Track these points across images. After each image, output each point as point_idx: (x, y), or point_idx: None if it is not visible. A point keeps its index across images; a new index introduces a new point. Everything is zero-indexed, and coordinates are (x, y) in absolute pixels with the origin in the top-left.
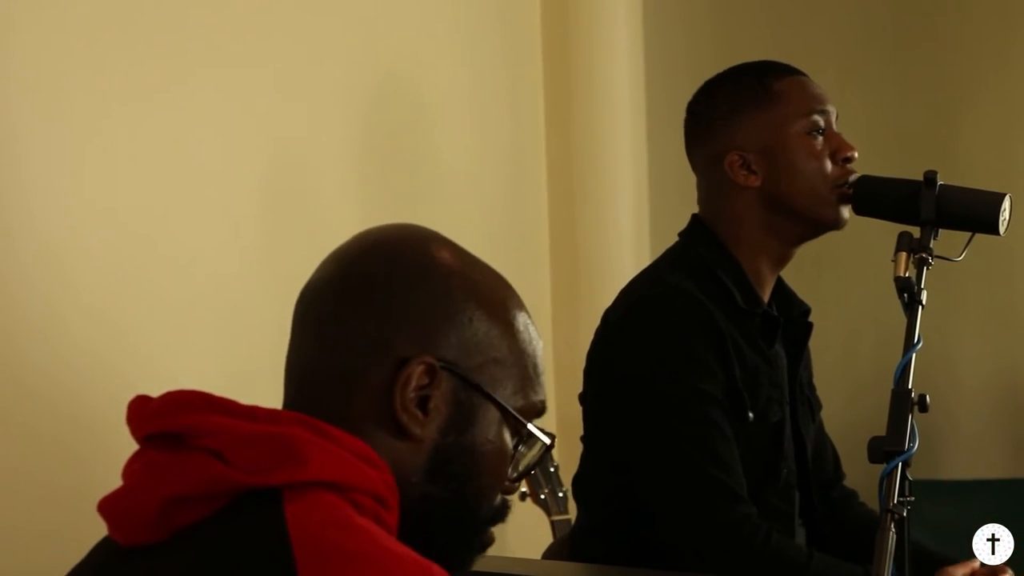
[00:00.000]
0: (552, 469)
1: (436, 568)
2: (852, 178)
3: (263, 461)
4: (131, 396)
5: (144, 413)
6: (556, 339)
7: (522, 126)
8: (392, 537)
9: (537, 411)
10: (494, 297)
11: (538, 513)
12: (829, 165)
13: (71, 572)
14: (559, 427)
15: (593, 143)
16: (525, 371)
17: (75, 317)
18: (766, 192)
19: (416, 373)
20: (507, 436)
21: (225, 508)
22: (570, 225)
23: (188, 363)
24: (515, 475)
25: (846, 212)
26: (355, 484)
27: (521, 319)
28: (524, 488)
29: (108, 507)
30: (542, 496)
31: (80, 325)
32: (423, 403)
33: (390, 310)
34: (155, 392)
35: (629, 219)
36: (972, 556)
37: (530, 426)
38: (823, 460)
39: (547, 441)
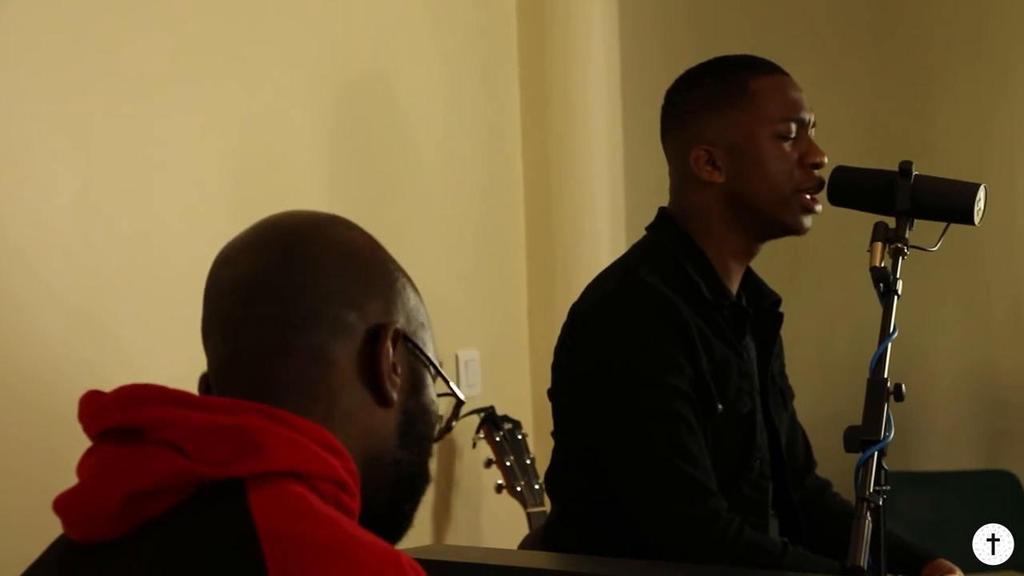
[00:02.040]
0: (528, 462)
1: (404, 556)
2: (817, 181)
3: (224, 452)
4: (108, 387)
5: (97, 408)
6: (532, 333)
7: (498, 121)
8: (355, 523)
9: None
10: (391, 258)
11: (514, 505)
12: (794, 169)
13: (27, 571)
14: (534, 420)
15: (569, 137)
16: (432, 333)
17: (47, 310)
18: (729, 189)
19: (389, 340)
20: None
21: (187, 501)
22: (546, 219)
23: (162, 353)
24: (437, 434)
25: (808, 220)
26: (317, 472)
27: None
28: (500, 481)
29: (65, 504)
30: (518, 488)
31: (52, 318)
32: (393, 368)
33: (345, 289)
34: (129, 381)
35: (605, 213)
36: (944, 547)
37: (452, 385)
38: (795, 449)
39: (463, 398)
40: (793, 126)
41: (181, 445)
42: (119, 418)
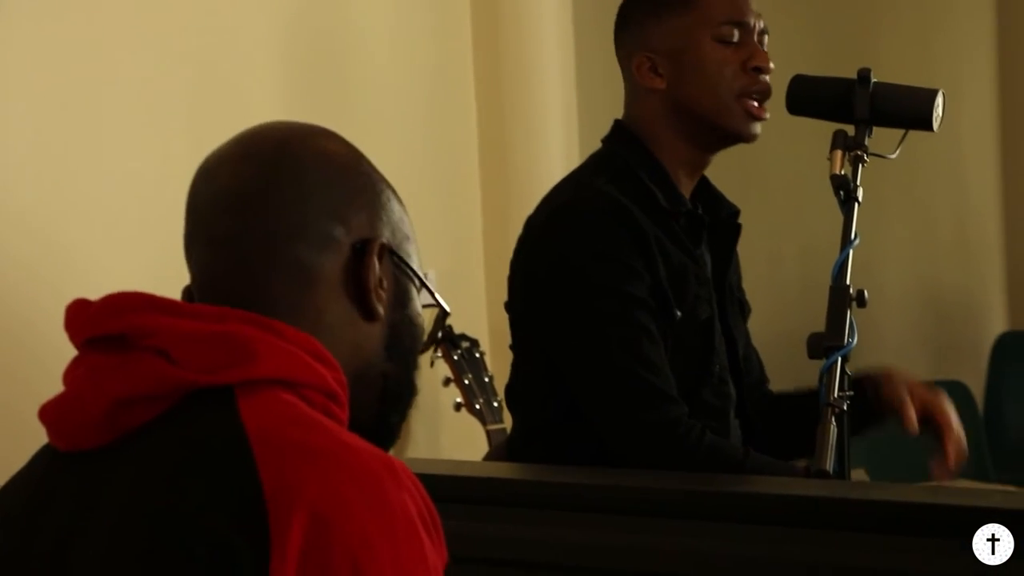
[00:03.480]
0: (486, 380)
1: (397, 461)
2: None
3: (213, 359)
4: (63, 307)
5: (84, 316)
6: (487, 251)
7: (449, 37)
8: (346, 431)
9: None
10: (376, 171)
11: (473, 423)
12: (736, 73)
13: (11, 480)
14: (491, 338)
15: (521, 53)
16: (416, 245)
17: (4, 228)
18: (670, 96)
19: (375, 255)
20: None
21: (175, 408)
22: (499, 136)
23: (120, 272)
24: (423, 346)
25: (756, 127)
26: (306, 381)
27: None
28: (459, 399)
29: (51, 413)
30: (477, 406)
31: (10, 237)
32: (379, 282)
33: (331, 202)
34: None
35: (559, 129)
36: (897, 457)
37: (438, 296)
38: (750, 364)
39: (448, 309)
40: (736, 31)
41: (169, 352)
42: (106, 326)
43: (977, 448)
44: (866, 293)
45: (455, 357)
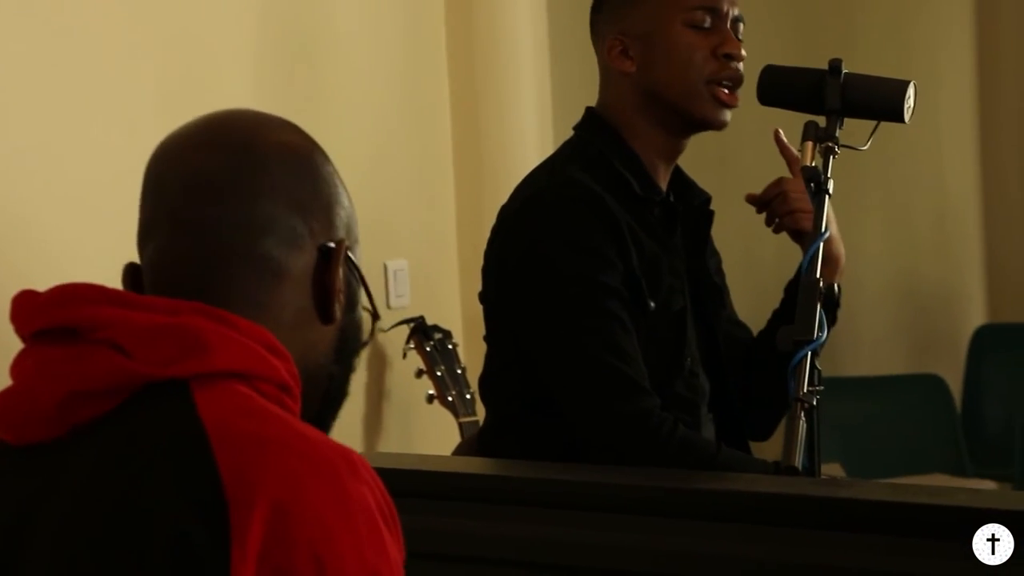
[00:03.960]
0: (459, 371)
1: (354, 452)
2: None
3: (166, 352)
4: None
5: (33, 307)
6: (461, 242)
7: (421, 16)
8: (301, 421)
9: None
10: (334, 168)
11: (446, 415)
12: (707, 59)
13: None
14: (464, 328)
15: (494, 42)
16: (360, 244)
17: None
18: (640, 80)
19: (341, 260)
20: None
21: (129, 401)
22: (472, 126)
23: (90, 257)
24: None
25: (726, 114)
26: (260, 373)
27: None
28: (431, 391)
29: None
30: (449, 398)
31: None
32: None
33: (297, 198)
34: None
35: (532, 119)
36: (876, 451)
37: (373, 303)
38: (737, 344)
39: (379, 315)
40: (708, 17)
41: (122, 344)
42: (55, 317)
43: (954, 442)
44: (837, 287)
45: (428, 348)
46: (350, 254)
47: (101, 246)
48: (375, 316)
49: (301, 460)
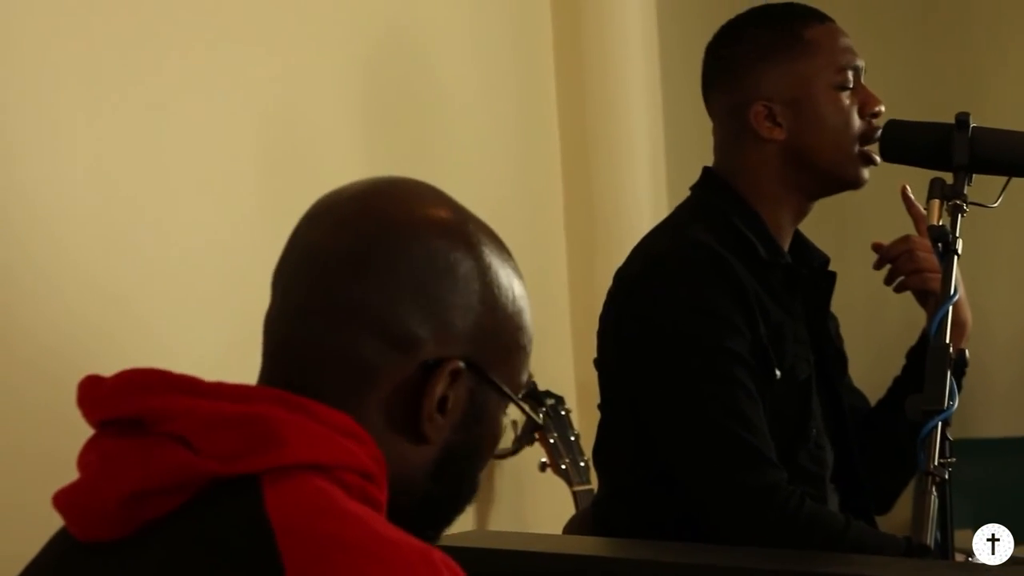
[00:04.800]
0: (572, 438)
1: (436, 552)
2: (878, 131)
3: (235, 446)
4: (130, 366)
5: (97, 396)
6: (573, 304)
7: (532, 79)
8: (383, 518)
9: (524, 388)
10: (502, 273)
11: (559, 484)
12: (856, 120)
13: (27, 569)
14: (577, 395)
15: (606, 96)
16: (526, 352)
17: (70, 286)
18: (790, 146)
19: (444, 379)
20: (503, 419)
21: (195, 499)
22: (585, 188)
23: (187, 331)
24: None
25: (867, 172)
26: (339, 462)
27: (521, 293)
28: (544, 459)
29: (64, 501)
30: (563, 467)
31: (75, 295)
32: (442, 405)
33: (416, 301)
34: (156, 362)
35: (646, 182)
36: (1008, 515)
37: (527, 409)
38: (857, 413)
39: (540, 421)
40: (851, 75)
41: (188, 438)
42: (121, 408)
43: None
44: (967, 353)
45: (540, 415)
46: (484, 367)
47: (201, 319)
48: (535, 427)
49: (374, 563)
